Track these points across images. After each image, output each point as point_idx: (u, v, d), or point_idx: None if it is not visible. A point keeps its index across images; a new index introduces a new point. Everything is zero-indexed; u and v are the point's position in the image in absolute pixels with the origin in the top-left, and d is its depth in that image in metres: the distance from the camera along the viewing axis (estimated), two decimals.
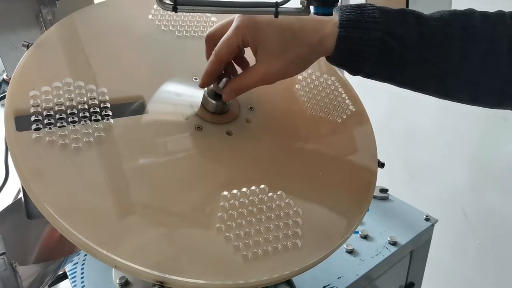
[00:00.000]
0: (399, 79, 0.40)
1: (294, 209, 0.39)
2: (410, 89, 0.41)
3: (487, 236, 1.11)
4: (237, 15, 0.38)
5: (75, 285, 0.53)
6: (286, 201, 0.39)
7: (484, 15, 0.39)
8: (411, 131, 1.20)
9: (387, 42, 0.37)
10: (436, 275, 1.15)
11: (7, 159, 0.52)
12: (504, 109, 0.41)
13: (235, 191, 0.38)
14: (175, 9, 0.27)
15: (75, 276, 0.55)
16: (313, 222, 0.39)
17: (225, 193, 0.38)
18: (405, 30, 0.37)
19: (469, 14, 0.39)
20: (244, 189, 0.38)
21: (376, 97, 0.53)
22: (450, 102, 0.43)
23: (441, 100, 0.43)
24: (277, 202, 0.39)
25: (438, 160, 1.16)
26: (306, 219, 0.38)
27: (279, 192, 0.39)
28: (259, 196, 0.38)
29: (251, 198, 0.38)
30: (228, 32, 0.39)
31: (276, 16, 0.28)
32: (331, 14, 0.31)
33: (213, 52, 0.40)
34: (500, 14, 0.39)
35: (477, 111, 1.08)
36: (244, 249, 0.34)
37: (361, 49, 0.38)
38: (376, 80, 0.41)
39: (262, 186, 0.39)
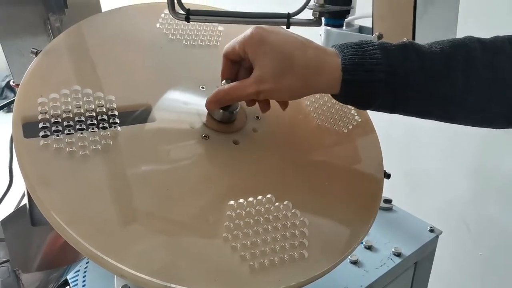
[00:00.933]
0: (406, 110, 0.41)
1: (301, 219, 0.38)
2: (417, 117, 0.42)
3: (489, 248, 1.10)
4: (254, 26, 0.39)
5: None
6: (293, 211, 0.39)
7: (483, 43, 0.39)
8: (412, 141, 1.20)
9: (391, 81, 0.38)
10: (437, 285, 1.14)
11: (11, 165, 0.52)
12: None
13: (241, 200, 0.38)
14: (187, 19, 0.27)
15: (76, 284, 0.55)
16: (320, 232, 0.38)
17: (232, 202, 0.37)
18: (408, 67, 0.38)
19: (469, 44, 0.39)
20: (250, 199, 0.38)
21: None
22: None
23: None
24: (284, 212, 0.38)
25: (440, 170, 1.16)
26: (313, 230, 0.38)
27: (285, 202, 0.39)
28: (266, 206, 0.38)
29: (257, 207, 0.38)
30: (238, 37, 0.40)
31: (288, 27, 0.28)
32: (342, 26, 0.31)
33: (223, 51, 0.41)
34: (499, 41, 0.40)
35: None
36: (250, 259, 0.34)
37: (367, 90, 0.38)
38: (385, 112, 0.41)
39: (269, 196, 0.39)
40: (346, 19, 0.51)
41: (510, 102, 0.39)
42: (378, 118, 0.52)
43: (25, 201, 0.50)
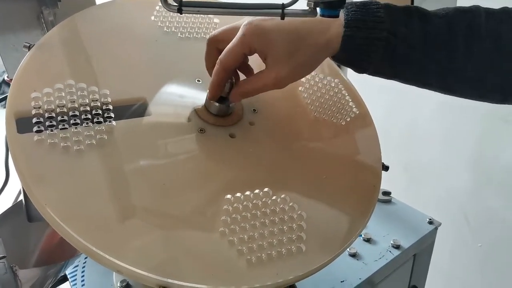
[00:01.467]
0: (404, 76, 0.40)
1: (298, 212, 0.38)
2: (414, 85, 0.41)
3: (488, 239, 1.10)
4: (244, 22, 0.38)
5: None
6: (290, 204, 0.38)
7: (489, 12, 0.39)
8: (410, 133, 1.20)
9: (392, 41, 0.37)
10: (436, 278, 1.15)
11: (7, 161, 0.52)
12: (508, 104, 0.41)
13: (238, 194, 0.38)
14: (180, 11, 0.26)
15: (75, 279, 0.55)
16: (318, 226, 0.38)
17: (229, 196, 0.37)
18: (410, 29, 0.37)
19: (474, 11, 0.39)
20: (247, 193, 0.38)
21: (375, 98, 0.53)
22: (450, 103, 0.43)
23: (441, 101, 0.43)
24: (281, 206, 0.38)
25: (438, 162, 1.16)
26: (310, 223, 0.38)
27: (283, 196, 0.39)
28: (263, 200, 0.38)
29: (254, 201, 0.38)
30: (234, 40, 0.39)
31: (283, 18, 0.27)
32: (338, 16, 0.30)
33: (218, 61, 0.40)
34: (505, 11, 0.39)
35: (478, 113, 1.08)
36: (248, 254, 0.34)
37: (367, 48, 0.38)
38: (381, 77, 0.41)
39: (266, 189, 0.39)
40: (342, 10, 0.50)
41: (508, 73, 0.38)
42: (377, 110, 0.52)
43: (22, 197, 0.49)
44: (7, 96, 0.59)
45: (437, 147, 1.15)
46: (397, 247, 0.58)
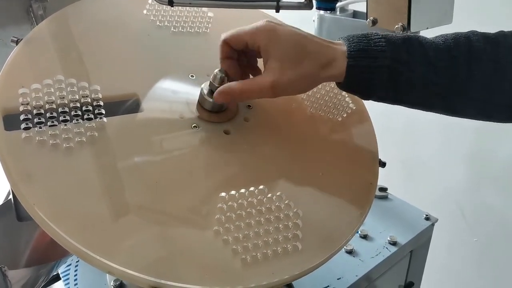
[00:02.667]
0: (408, 101, 0.41)
1: (294, 210, 0.37)
2: (419, 109, 0.42)
3: (484, 234, 1.11)
4: (264, 20, 0.38)
5: (69, 287, 0.52)
6: (286, 202, 0.38)
7: (486, 36, 0.40)
8: (407, 128, 1.19)
9: (394, 68, 0.38)
10: (433, 273, 1.15)
11: None
12: None
13: (233, 192, 0.37)
14: (171, 3, 0.25)
15: (68, 278, 0.54)
16: (314, 224, 0.38)
17: (223, 194, 0.36)
18: (411, 55, 0.39)
19: (471, 36, 0.40)
20: (242, 190, 0.37)
21: None
22: None
23: None
24: (277, 204, 0.37)
25: (435, 158, 1.16)
26: (307, 221, 0.37)
27: (278, 193, 0.38)
28: (258, 198, 0.37)
29: (250, 199, 0.37)
30: (246, 27, 0.39)
31: (277, 11, 0.27)
32: (334, 9, 0.29)
33: (222, 35, 0.40)
34: (501, 35, 0.40)
35: None
36: (243, 253, 0.33)
37: (370, 77, 0.39)
38: (387, 103, 0.42)
39: (261, 187, 0.38)
40: (339, 3, 0.49)
41: (510, 92, 0.39)
42: (373, 107, 0.51)
43: (11, 196, 0.48)
44: None
45: (434, 143, 1.14)
46: (393, 243, 0.58)
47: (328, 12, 0.51)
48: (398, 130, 1.19)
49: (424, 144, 1.17)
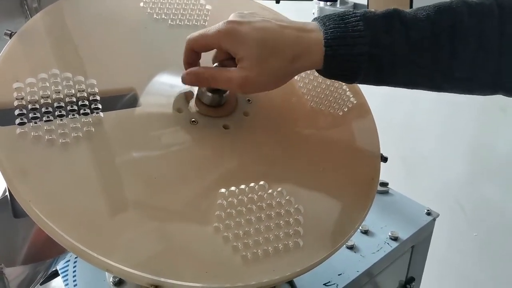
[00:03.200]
0: (392, 82, 0.40)
1: (295, 206, 0.37)
2: (404, 88, 0.41)
3: (484, 228, 1.10)
4: (225, 21, 0.37)
5: (67, 284, 0.52)
6: (287, 198, 0.37)
7: (471, 6, 0.38)
8: (407, 123, 1.19)
9: (375, 52, 0.37)
10: (433, 268, 1.15)
11: None
12: (497, 94, 0.41)
13: (233, 188, 0.36)
14: None
15: (67, 274, 0.53)
16: (315, 220, 0.37)
17: (223, 190, 0.36)
18: (392, 37, 0.37)
19: (455, 8, 0.38)
20: (242, 186, 0.36)
21: (372, 89, 0.51)
22: (448, 94, 0.42)
23: (439, 92, 0.42)
24: (277, 200, 0.37)
25: (435, 153, 1.15)
26: (308, 217, 0.36)
27: (279, 189, 0.38)
28: (259, 194, 0.37)
29: (250, 195, 0.36)
30: (210, 30, 0.38)
31: (278, 2, 0.26)
32: (336, 1, 0.28)
33: (188, 40, 0.39)
34: (486, 4, 0.38)
35: (475, 103, 1.07)
36: (243, 250, 0.33)
37: (351, 64, 0.37)
38: (370, 85, 0.40)
39: (262, 182, 0.37)
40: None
41: (496, 69, 0.38)
42: (374, 101, 0.50)
43: (7, 192, 0.48)
44: None
45: (434, 138, 1.14)
46: (395, 239, 0.57)
47: (328, 4, 0.50)
48: (398, 125, 1.18)
49: (424, 138, 1.16)
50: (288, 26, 0.37)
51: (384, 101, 1.19)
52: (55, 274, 0.55)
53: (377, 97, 0.51)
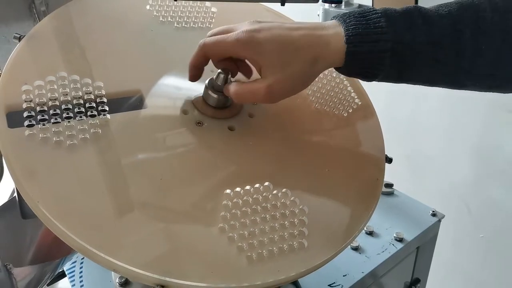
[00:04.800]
0: (413, 79, 0.39)
1: (300, 207, 0.37)
2: (424, 85, 0.40)
3: (490, 230, 1.10)
4: (241, 29, 0.37)
5: (74, 284, 0.52)
6: (292, 199, 0.37)
7: (494, 1, 0.37)
8: (413, 124, 1.18)
9: (397, 50, 0.36)
10: (439, 269, 1.15)
11: (1, 156, 0.50)
12: None
13: (238, 189, 0.36)
14: None
15: (73, 275, 0.54)
16: (320, 221, 0.37)
17: (228, 191, 0.36)
18: (414, 34, 0.36)
19: (478, 4, 0.37)
20: (247, 187, 0.37)
21: (376, 89, 0.52)
22: (453, 94, 0.42)
23: (444, 92, 0.42)
24: (282, 200, 0.37)
25: (440, 153, 1.15)
26: (313, 218, 0.37)
27: (284, 190, 0.38)
28: (263, 194, 0.37)
29: (255, 196, 0.36)
30: (226, 37, 0.37)
31: (283, 4, 0.26)
32: (341, 3, 0.29)
33: (203, 44, 0.39)
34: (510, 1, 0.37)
35: (480, 103, 1.06)
36: (248, 250, 0.33)
37: (372, 61, 0.37)
38: (390, 82, 0.40)
39: (266, 183, 0.38)
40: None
41: None
42: (378, 101, 0.50)
43: (16, 193, 0.48)
44: None
45: (439, 138, 1.13)
46: (400, 240, 0.57)
47: (333, 6, 0.50)
48: (403, 124, 1.18)
49: (429, 139, 1.16)
50: (303, 27, 0.37)
51: (389, 100, 1.19)
52: (62, 275, 0.55)
53: (382, 96, 0.51)
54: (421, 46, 0.36)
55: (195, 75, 0.41)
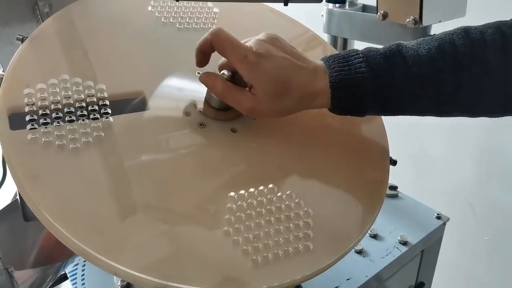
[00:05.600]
0: (400, 113, 0.41)
1: (305, 209, 0.37)
2: (412, 115, 0.42)
3: (495, 232, 1.09)
4: (254, 46, 0.38)
5: (76, 287, 0.52)
6: (296, 201, 0.37)
7: (472, 36, 0.38)
8: (416, 126, 1.18)
9: (379, 91, 0.38)
10: (443, 271, 1.14)
11: (4, 158, 0.50)
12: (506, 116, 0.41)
13: (242, 191, 0.36)
14: None
15: (75, 278, 0.53)
16: (325, 223, 0.37)
17: (232, 194, 0.36)
18: (394, 75, 0.38)
19: (457, 40, 0.38)
20: (251, 189, 0.36)
21: None
22: None
23: None
24: (287, 203, 0.37)
25: (445, 155, 1.14)
26: (317, 220, 0.36)
27: (288, 192, 0.37)
28: (268, 197, 0.36)
29: (259, 198, 0.36)
30: (239, 46, 0.38)
31: (286, 5, 0.26)
32: (344, 2, 0.28)
33: (214, 32, 0.39)
34: (489, 32, 0.38)
35: None
36: (253, 253, 0.32)
37: (356, 103, 0.39)
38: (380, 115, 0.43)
39: (271, 185, 0.37)
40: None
41: (503, 95, 0.38)
42: None
43: (18, 196, 0.48)
44: None
45: (443, 140, 1.13)
46: (404, 243, 0.56)
47: (337, 6, 0.50)
48: (407, 126, 1.17)
49: (433, 141, 1.15)
50: (304, 67, 0.39)
51: None
52: (64, 278, 0.55)
53: None
54: (402, 85, 0.38)
55: (201, 61, 0.41)
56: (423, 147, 1.18)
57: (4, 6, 0.49)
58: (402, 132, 1.21)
